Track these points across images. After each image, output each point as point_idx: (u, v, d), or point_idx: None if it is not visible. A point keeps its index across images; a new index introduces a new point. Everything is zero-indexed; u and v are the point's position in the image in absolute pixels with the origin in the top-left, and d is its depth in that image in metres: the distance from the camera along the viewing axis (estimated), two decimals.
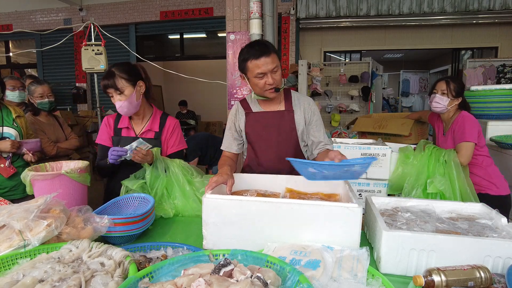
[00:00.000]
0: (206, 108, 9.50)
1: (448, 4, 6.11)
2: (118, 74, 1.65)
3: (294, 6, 6.50)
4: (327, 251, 1.02)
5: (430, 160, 2.09)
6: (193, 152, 3.96)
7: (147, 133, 1.81)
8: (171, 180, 1.62)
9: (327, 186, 1.47)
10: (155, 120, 1.84)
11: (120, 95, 1.66)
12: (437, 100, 2.20)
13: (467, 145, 2.04)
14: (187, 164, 1.69)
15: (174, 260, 0.90)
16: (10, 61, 8.81)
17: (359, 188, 2.39)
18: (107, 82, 1.65)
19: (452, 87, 2.17)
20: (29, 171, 1.45)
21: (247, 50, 1.50)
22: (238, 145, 1.72)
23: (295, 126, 1.63)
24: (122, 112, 1.72)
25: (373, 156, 2.28)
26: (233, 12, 3.02)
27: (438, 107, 2.22)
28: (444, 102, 2.18)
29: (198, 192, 1.63)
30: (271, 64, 1.47)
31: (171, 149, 1.83)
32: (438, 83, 2.25)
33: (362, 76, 6.23)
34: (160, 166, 1.64)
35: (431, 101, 2.27)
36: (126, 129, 1.81)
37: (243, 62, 1.51)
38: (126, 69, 1.69)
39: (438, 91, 2.21)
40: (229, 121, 1.74)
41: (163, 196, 1.61)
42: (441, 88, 2.20)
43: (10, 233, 1.04)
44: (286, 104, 1.65)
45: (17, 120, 2.20)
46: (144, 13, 7.22)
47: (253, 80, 1.52)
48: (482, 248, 0.99)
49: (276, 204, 1.12)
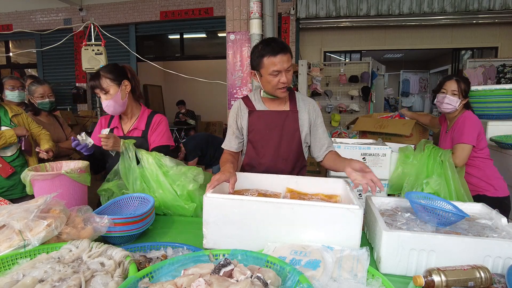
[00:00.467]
0: (206, 108, 9.50)
1: (448, 4, 6.11)
2: (103, 75, 1.72)
3: (294, 6, 6.50)
4: (327, 251, 1.02)
5: (429, 160, 2.07)
6: (193, 152, 3.96)
7: (133, 131, 1.84)
8: (145, 172, 1.61)
9: (328, 187, 1.47)
10: (142, 118, 1.86)
11: (105, 94, 1.72)
12: (449, 102, 2.11)
13: (463, 147, 2.01)
14: (163, 156, 1.65)
15: (174, 260, 0.90)
16: (10, 61, 8.81)
17: (359, 188, 2.39)
18: (93, 83, 1.72)
19: (462, 87, 2.09)
20: (29, 171, 1.45)
21: (263, 47, 1.48)
22: (239, 143, 1.71)
23: (298, 127, 1.62)
24: (108, 111, 1.77)
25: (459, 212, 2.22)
26: (233, 12, 3.03)
27: (449, 108, 2.14)
28: (455, 103, 2.11)
29: (174, 184, 1.60)
30: (287, 63, 1.47)
31: (153, 144, 1.82)
32: (447, 82, 2.14)
33: (362, 76, 6.23)
34: (131, 155, 1.62)
35: (440, 101, 2.16)
36: (116, 129, 1.86)
37: (258, 58, 1.49)
38: (112, 69, 1.75)
39: (447, 91, 2.11)
40: (230, 118, 1.72)
41: (143, 190, 1.59)
42: (451, 88, 2.10)
43: (10, 233, 1.04)
44: (291, 105, 1.64)
45: (14, 120, 2.20)
46: (144, 13, 7.23)
47: (267, 77, 1.50)
48: (482, 248, 0.99)
49: (277, 204, 1.12)
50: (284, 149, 1.62)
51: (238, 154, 1.74)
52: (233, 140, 1.70)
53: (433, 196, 1.32)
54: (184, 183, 1.60)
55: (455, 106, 2.12)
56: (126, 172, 1.61)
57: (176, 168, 1.63)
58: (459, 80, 2.11)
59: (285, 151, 1.62)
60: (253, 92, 1.75)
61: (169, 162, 1.64)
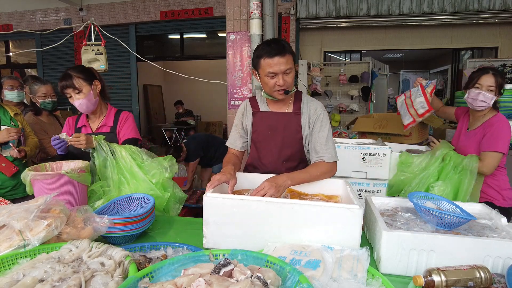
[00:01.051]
0: (206, 108, 9.50)
1: (448, 4, 6.10)
2: (75, 75, 1.78)
3: (294, 6, 6.50)
4: (327, 251, 1.02)
5: (446, 167, 1.92)
6: (195, 153, 3.96)
7: (102, 128, 1.91)
8: (120, 164, 1.64)
9: (328, 187, 1.47)
10: (110, 116, 1.95)
11: (78, 93, 1.79)
12: (483, 99, 1.87)
13: (495, 155, 1.84)
14: (137, 148, 1.71)
15: (174, 260, 0.90)
16: (10, 61, 8.80)
17: (359, 188, 2.39)
18: (65, 83, 1.76)
19: (499, 81, 1.86)
20: (29, 171, 1.45)
21: (262, 47, 1.48)
22: (243, 143, 1.71)
23: (300, 129, 1.59)
24: (81, 109, 1.84)
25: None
26: (233, 12, 3.02)
27: (483, 106, 1.90)
28: (490, 101, 1.87)
29: (149, 174, 1.64)
30: (284, 65, 1.44)
31: (122, 138, 1.90)
32: (483, 76, 1.89)
33: (362, 76, 6.23)
34: (106, 149, 1.65)
35: (473, 97, 1.91)
36: (84, 127, 1.92)
37: (256, 58, 1.49)
38: (82, 69, 1.84)
39: (483, 86, 1.86)
40: (237, 118, 1.72)
41: (121, 183, 1.62)
42: (487, 83, 1.85)
43: (10, 233, 1.04)
44: (295, 106, 1.61)
45: (15, 118, 2.20)
46: (144, 13, 7.22)
47: (264, 78, 1.49)
48: (482, 248, 0.99)
49: (277, 204, 1.12)
50: (286, 151, 1.61)
51: (242, 153, 1.73)
52: (238, 140, 1.70)
53: (437, 196, 1.31)
54: (159, 171, 1.64)
55: (489, 104, 1.89)
56: (101, 166, 1.64)
57: (149, 159, 1.68)
58: (496, 74, 1.87)
59: (287, 153, 1.61)
60: (260, 92, 1.75)
61: (142, 153, 1.69)
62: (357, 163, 2.34)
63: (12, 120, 2.19)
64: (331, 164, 1.52)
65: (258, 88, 2.93)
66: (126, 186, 1.61)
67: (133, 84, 7.67)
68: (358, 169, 2.35)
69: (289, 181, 1.36)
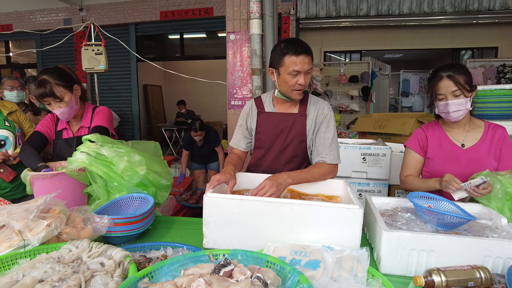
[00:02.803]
0: (206, 108, 9.50)
1: (448, 4, 6.11)
2: (54, 82, 1.66)
3: (294, 6, 6.50)
4: (327, 251, 1.02)
5: None
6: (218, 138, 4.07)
7: (81, 130, 1.84)
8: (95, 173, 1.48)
9: (328, 188, 1.47)
10: (87, 116, 1.87)
11: (60, 102, 1.69)
12: (456, 108, 1.50)
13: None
14: (98, 148, 1.49)
15: (174, 260, 0.90)
16: (10, 61, 8.80)
17: (359, 188, 2.39)
18: (44, 90, 1.64)
19: (463, 80, 1.49)
20: (29, 171, 1.45)
21: (286, 45, 1.46)
22: (247, 143, 1.70)
23: (305, 131, 1.58)
24: (63, 118, 1.76)
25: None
26: (233, 12, 3.02)
27: (460, 114, 1.52)
28: (465, 105, 1.50)
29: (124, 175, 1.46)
30: (308, 65, 1.44)
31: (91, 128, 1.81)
32: (439, 85, 1.52)
33: (362, 76, 6.24)
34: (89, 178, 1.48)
35: (443, 111, 1.54)
36: (65, 131, 1.85)
37: (280, 55, 1.47)
38: (60, 75, 1.70)
39: (446, 95, 1.50)
40: (241, 118, 1.71)
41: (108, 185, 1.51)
42: (449, 89, 1.49)
43: (10, 233, 1.04)
44: (301, 108, 1.60)
45: (9, 118, 2.11)
46: (144, 13, 7.22)
47: (285, 76, 1.47)
48: (482, 248, 0.99)
49: (277, 204, 1.12)
50: (289, 152, 1.60)
51: (245, 154, 1.73)
52: (242, 140, 1.69)
53: (436, 196, 1.31)
54: (132, 173, 1.46)
55: (467, 107, 1.52)
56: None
57: (115, 155, 1.46)
58: (451, 75, 1.49)
59: (290, 154, 1.60)
60: (267, 92, 1.73)
61: (106, 151, 1.46)
62: (357, 163, 2.35)
63: (7, 120, 2.13)
64: (332, 166, 1.52)
65: (258, 88, 2.93)
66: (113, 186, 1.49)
67: (133, 84, 7.67)
68: (358, 169, 2.36)
69: (290, 179, 1.35)
